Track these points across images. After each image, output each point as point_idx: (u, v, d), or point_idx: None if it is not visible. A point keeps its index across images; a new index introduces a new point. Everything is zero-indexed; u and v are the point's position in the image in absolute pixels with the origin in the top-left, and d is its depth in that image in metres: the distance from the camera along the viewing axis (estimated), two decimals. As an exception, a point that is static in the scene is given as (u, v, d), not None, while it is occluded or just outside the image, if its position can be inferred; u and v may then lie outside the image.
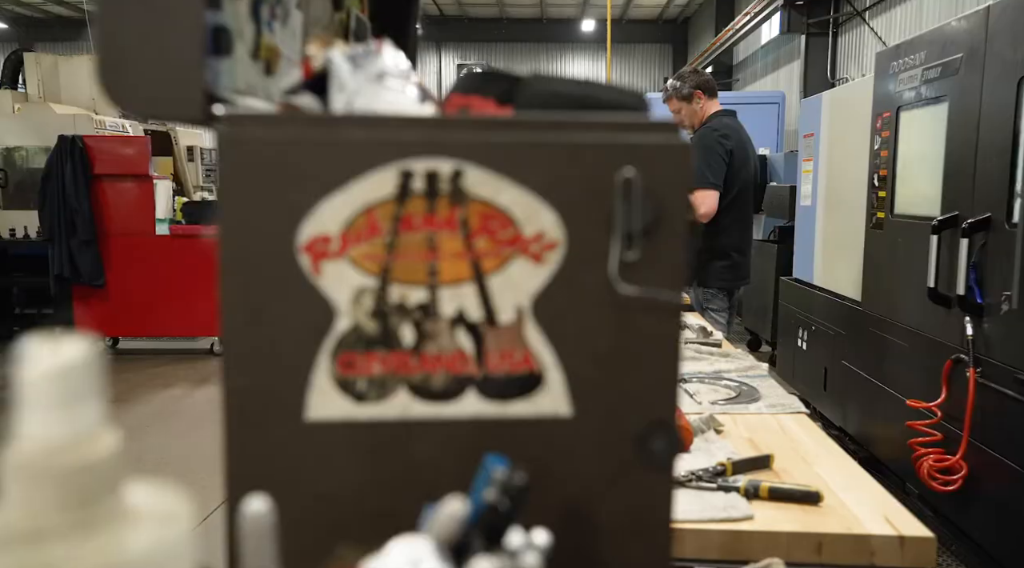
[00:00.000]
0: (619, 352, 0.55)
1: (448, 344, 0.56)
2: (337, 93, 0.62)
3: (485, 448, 0.55)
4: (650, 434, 0.55)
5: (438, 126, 0.55)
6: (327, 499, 0.53)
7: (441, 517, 0.45)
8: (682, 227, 0.53)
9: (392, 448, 0.56)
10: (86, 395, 0.35)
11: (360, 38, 1.07)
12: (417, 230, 0.54)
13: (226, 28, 0.66)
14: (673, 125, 0.53)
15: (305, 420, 0.55)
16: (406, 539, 0.45)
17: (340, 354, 0.55)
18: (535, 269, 0.55)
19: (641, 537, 0.56)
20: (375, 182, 0.54)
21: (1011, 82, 3.03)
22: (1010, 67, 3.04)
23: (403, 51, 1.18)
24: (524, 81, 0.62)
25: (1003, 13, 3.11)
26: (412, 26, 1.16)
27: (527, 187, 0.54)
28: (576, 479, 0.56)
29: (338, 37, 0.98)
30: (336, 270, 0.54)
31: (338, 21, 0.98)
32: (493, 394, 0.56)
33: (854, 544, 1.40)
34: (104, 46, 0.54)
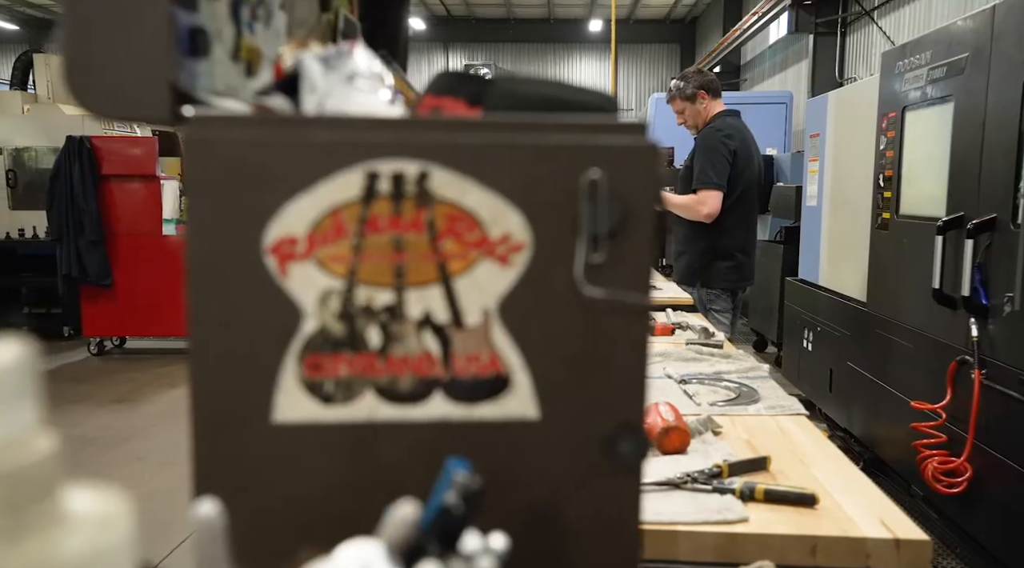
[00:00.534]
0: (586, 354, 0.55)
1: (415, 346, 0.56)
2: (308, 94, 0.62)
3: (452, 451, 0.55)
4: (618, 437, 0.54)
5: (404, 127, 0.55)
6: (295, 501, 0.53)
7: (393, 521, 0.45)
8: (649, 229, 0.52)
9: (359, 450, 0.56)
10: (19, 397, 0.35)
11: (349, 39, 1.07)
12: (383, 232, 0.54)
13: (203, 29, 0.66)
14: (641, 126, 0.53)
15: (273, 422, 0.55)
16: (357, 543, 0.45)
17: (307, 356, 0.55)
18: (502, 271, 0.55)
19: (609, 540, 0.55)
20: (341, 184, 0.54)
21: (1017, 82, 3.01)
22: (1016, 67, 3.02)
23: (394, 51, 1.18)
24: (493, 82, 0.62)
25: (1009, 13, 3.09)
26: (403, 26, 1.16)
27: (493, 189, 0.54)
28: (544, 482, 0.56)
29: (325, 38, 0.98)
30: (303, 272, 0.54)
31: (326, 22, 0.98)
32: (460, 397, 0.56)
33: (849, 547, 1.39)
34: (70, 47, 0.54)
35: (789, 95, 10.81)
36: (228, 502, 0.56)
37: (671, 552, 1.43)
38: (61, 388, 6.38)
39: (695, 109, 4.05)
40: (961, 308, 3.28)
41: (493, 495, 0.56)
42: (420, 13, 18.13)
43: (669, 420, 1.80)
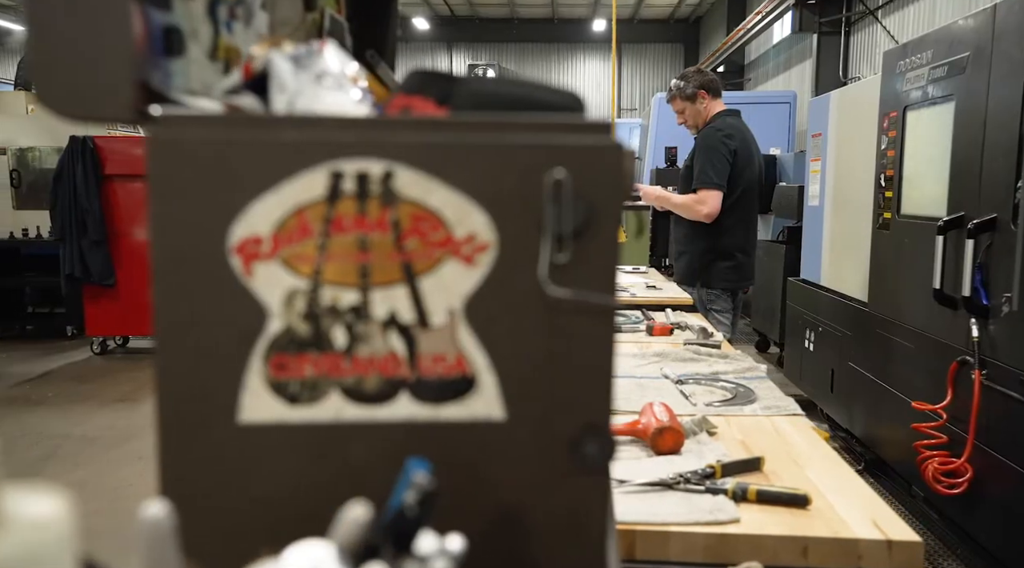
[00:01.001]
0: (552, 355, 0.54)
1: (380, 346, 0.55)
2: (278, 94, 0.61)
3: (418, 451, 0.55)
4: (583, 437, 0.54)
5: (369, 127, 0.55)
6: (261, 501, 0.53)
7: (344, 522, 0.44)
8: (614, 229, 0.52)
9: (326, 451, 0.56)
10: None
11: (336, 39, 1.07)
12: (348, 231, 0.54)
13: (177, 28, 0.66)
14: (605, 126, 0.53)
15: (239, 422, 0.55)
16: (307, 544, 0.45)
17: (272, 356, 0.55)
18: (467, 271, 0.54)
19: (575, 541, 0.55)
20: (305, 183, 0.53)
21: (1017, 81, 3.00)
22: (1017, 66, 3.01)
23: (382, 51, 1.18)
24: (461, 82, 0.62)
25: (1010, 12, 3.08)
26: (392, 26, 1.16)
27: (458, 188, 0.54)
28: (510, 482, 0.55)
29: (311, 38, 0.98)
30: (268, 271, 0.54)
31: (311, 21, 0.98)
32: (426, 397, 0.56)
33: (840, 548, 1.39)
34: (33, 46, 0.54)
35: (793, 95, 10.79)
36: (194, 502, 0.56)
37: (662, 552, 1.43)
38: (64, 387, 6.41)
39: (695, 109, 4.04)
40: (962, 308, 3.27)
41: (459, 496, 0.56)
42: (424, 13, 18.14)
43: (663, 420, 1.80)
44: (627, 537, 1.43)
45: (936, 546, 3.60)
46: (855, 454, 4.65)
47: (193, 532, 0.55)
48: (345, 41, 1.12)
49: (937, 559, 3.49)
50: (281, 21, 0.87)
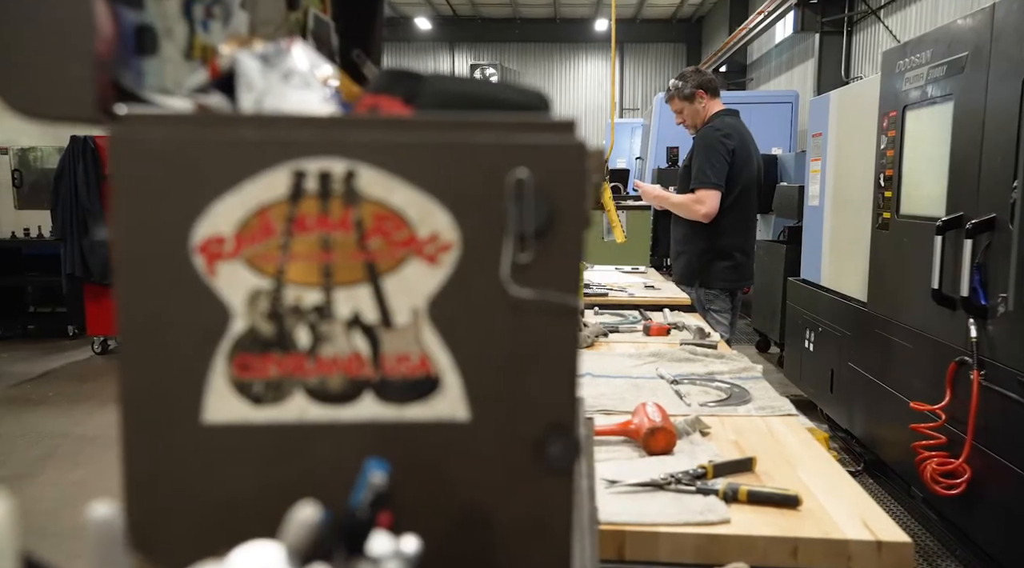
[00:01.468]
0: (515, 355, 0.54)
1: (344, 346, 0.55)
2: (245, 92, 0.61)
3: (382, 452, 0.55)
4: (547, 438, 0.54)
5: (331, 126, 0.54)
6: (227, 502, 0.53)
7: (293, 523, 0.44)
8: (579, 229, 0.52)
9: (290, 451, 0.55)
10: None
11: (320, 38, 1.06)
12: (311, 231, 0.54)
13: (150, 27, 0.66)
14: (569, 125, 0.52)
15: (203, 423, 0.55)
16: (255, 545, 0.45)
17: (236, 356, 0.55)
18: (430, 271, 0.54)
19: (539, 542, 0.55)
20: (267, 182, 0.53)
21: (1016, 81, 2.99)
22: (1015, 66, 3.00)
23: (368, 50, 1.18)
24: (426, 80, 0.62)
25: (1008, 12, 3.08)
26: (378, 25, 1.16)
27: (421, 188, 0.53)
28: (474, 483, 0.55)
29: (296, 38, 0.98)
30: (231, 271, 0.54)
31: (294, 21, 0.98)
32: (390, 397, 0.55)
33: (830, 548, 1.39)
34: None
35: (795, 94, 10.77)
36: (159, 503, 0.56)
37: (652, 553, 1.42)
38: (64, 387, 6.42)
39: (694, 109, 4.04)
40: (960, 309, 3.26)
41: (423, 496, 0.56)
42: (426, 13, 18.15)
43: (656, 421, 1.79)
44: (617, 537, 1.42)
45: (935, 547, 3.59)
46: (855, 455, 4.64)
47: (158, 532, 0.55)
48: (331, 40, 1.12)
49: (936, 560, 3.48)
50: (262, 20, 0.87)
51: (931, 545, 3.60)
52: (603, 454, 1.77)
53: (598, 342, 2.97)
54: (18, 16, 0.54)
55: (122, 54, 0.62)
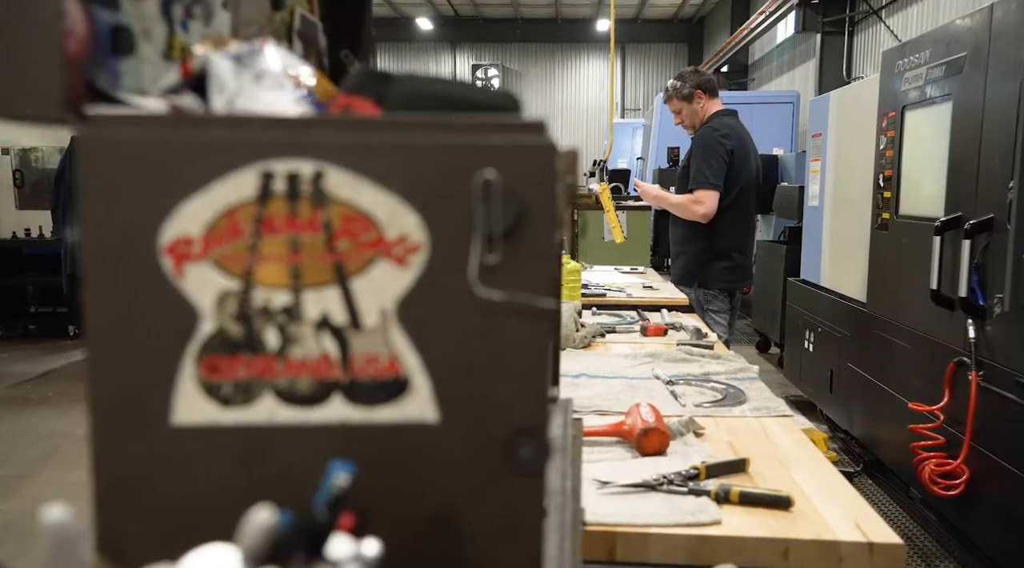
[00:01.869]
0: (485, 357, 0.54)
1: (313, 348, 0.55)
2: (217, 93, 0.61)
3: (352, 454, 0.55)
4: (517, 441, 0.54)
5: (299, 127, 0.54)
6: (196, 504, 0.53)
7: (248, 527, 0.44)
8: (548, 230, 0.52)
9: (259, 454, 0.55)
10: None
11: (307, 39, 1.06)
12: (279, 232, 0.54)
13: (126, 28, 0.66)
14: (539, 125, 0.52)
15: (172, 424, 0.55)
16: (210, 548, 0.44)
17: (205, 358, 0.54)
18: (399, 272, 0.54)
19: (510, 545, 0.54)
20: (235, 183, 0.53)
21: (1014, 81, 2.98)
22: (1014, 66, 3.00)
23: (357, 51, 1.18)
24: (395, 81, 0.61)
25: (1006, 12, 3.07)
26: (366, 25, 1.15)
27: (389, 189, 0.53)
28: (444, 485, 0.55)
29: (279, 38, 0.98)
30: (199, 272, 0.54)
31: (279, 21, 0.97)
32: (359, 399, 0.55)
33: (822, 550, 1.38)
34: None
35: (796, 95, 10.76)
36: (129, 505, 0.56)
37: (642, 554, 1.42)
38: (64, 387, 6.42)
39: (692, 109, 4.03)
40: (959, 309, 3.26)
41: (392, 498, 0.56)
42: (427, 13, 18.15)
43: (649, 421, 1.79)
44: (608, 538, 1.42)
45: (934, 548, 3.58)
46: (854, 455, 4.63)
47: (128, 534, 0.55)
48: (318, 41, 1.12)
49: (934, 561, 3.48)
50: (245, 21, 0.87)
51: (930, 546, 3.60)
52: (596, 455, 1.76)
53: (595, 342, 2.97)
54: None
55: (97, 54, 0.62)
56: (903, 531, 3.75)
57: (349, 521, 0.45)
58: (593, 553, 1.42)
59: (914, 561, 3.48)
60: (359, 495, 0.54)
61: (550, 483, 0.88)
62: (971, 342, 3.16)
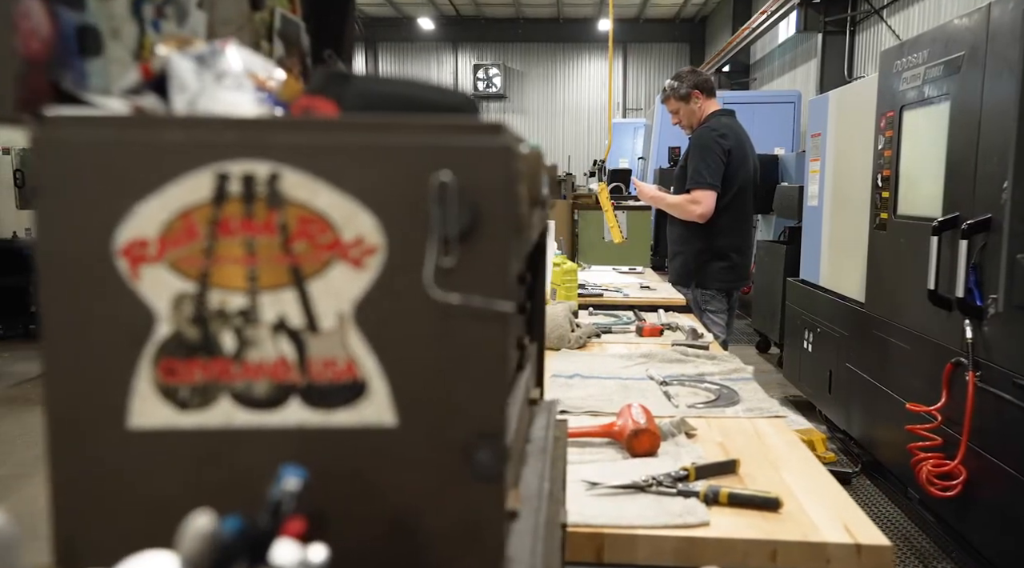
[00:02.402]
0: (442, 360, 0.53)
1: (270, 351, 0.54)
2: (178, 94, 0.61)
3: (310, 458, 0.54)
4: (475, 445, 0.53)
5: (254, 128, 0.54)
6: (153, 509, 0.52)
7: (187, 534, 0.44)
8: (505, 232, 0.51)
9: (217, 457, 0.55)
10: None
11: (288, 39, 1.06)
12: (235, 234, 0.53)
13: (93, 28, 0.65)
14: (497, 127, 0.52)
15: (129, 428, 0.54)
16: (147, 556, 0.44)
17: (161, 361, 0.54)
18: (356, 275, 0.53)
19: (470, 550, 0.54)
20: (190, 185, 0.53)
21: (1012, 81, 2.97)
22: (1011, 66, 2.98)
23: (339, 51, 1.17)
24: (352, 81, 0.61)
25: (1004, 12, 3.06)
26: (349, 25, 1.15)
27: (345, 190, 0.53)
28: (402, 490, 0.54)
29: (259, 38, 0.98)
30: (155, 275, 0.53)
31: (259, 21, 0.97)
32: (317, 403, 0.55)
33: (809, 551, 1.38)
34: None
35: (797, 94, 10.75)
36: (85, 509, 0.55)
37: (630, 556, 1.42)
38: (64, 387, 6.42)
39: (689, 109, 4.02)
40: (956, 310, 3.25)
41: (350, 503, 0.55)
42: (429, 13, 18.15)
43: (640, 422, 1.79)
44: (595, 540, 1.42)
45: (931, 548, 3.57)
46: (852, 456, 4.62)
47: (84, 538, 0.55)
48: (301, 41, 1.12)
49: (932, 562, 3.47)
50: (222, 20, 0.87)
51: (927, 547, 3.59)
52: (587, 456, 1.76)
53: (590, 343, 2.96)
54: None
55: (62, 55, 0.61)
56: (901, 532, 3.74)
57: (299, 526, 0.45)
58: (580, 555, 1.41)
59: (911, 562, 3.47)
60: (317, 499, 0.53)
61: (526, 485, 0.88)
62: (968, 343, 3.15)
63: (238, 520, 0.45)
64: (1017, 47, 2.94)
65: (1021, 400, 2.86)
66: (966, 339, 3.17)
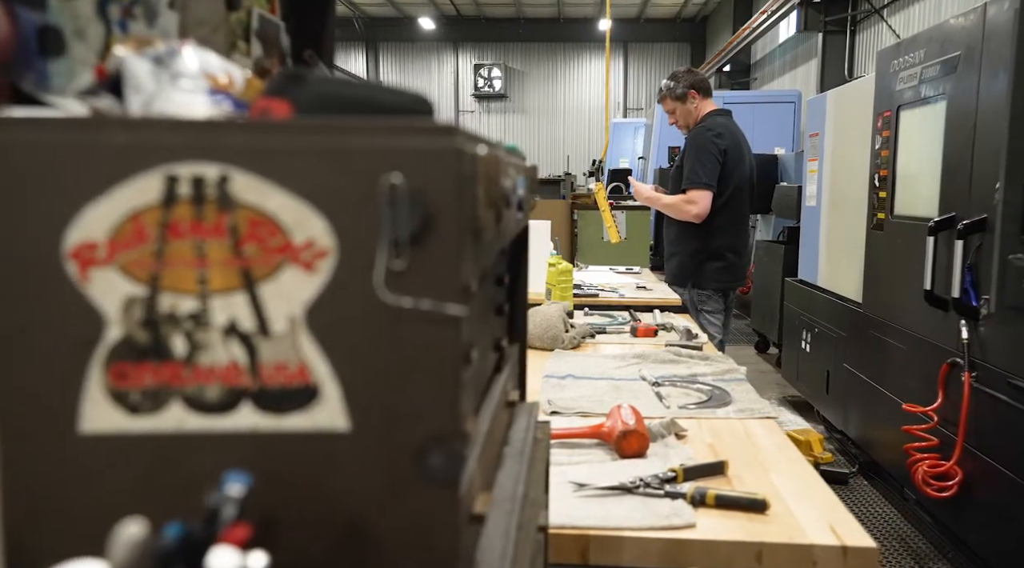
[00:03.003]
0: (394, 364, 0.53)
1: (221, 355, 0.54)
2: (133, 95, 0.60)
3: (262, 462, 0.54)
4: (427, 449, 0.53)
5: (204, 129, 0.53)
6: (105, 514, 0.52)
7: (118, 542, 0.43)
8: (455, 235, 0.51)
9: (169, 462, 0.54)
10: None
11: (267, 39, 1.06)
12: (185, 237, 0.53)
13: (55, 28, 0.65)
14: (448, 129, 0.51)
15: (80, 432, 0.54)
16: (76, 564, 0.43)
17: (112, 365, 0.54)
18: (307, 278, 0.53)
19: (422, 556, 0.54)
20: (139, 187, 0.52)
21: (1007, 81, 2.96)
22: (1006, 66, 2.97)
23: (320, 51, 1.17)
24: (306, 82, 0.61)
25: (999, 11, 3.05)
26: (329, 25, 1.14)
27: (295, 193, 0.52)
28: (355, 495, 0.54)
29: (235, 38, 0.97)
30: (104, 278, 0.53)
31: (235, 21, 0.97)
32: (269, 407, 0.54)
33: (795, 553, 1.37)
34: None
35: (798, 94, 10.74)
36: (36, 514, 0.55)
37: (616, 558, 1.41)
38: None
39: (686, 109, 4.02)
40: (952, 310, 3.24)
41: (303, 508, 0.55)
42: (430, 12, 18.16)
43: (629, 423, 1.78)
44: (581, 542, 1.41)
45: (927, 549, 3.57)
46: (850, 456, 4.62)
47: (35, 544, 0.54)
48: (280, 41, 1.11)
49: (928, 562, 3.46)
50: (196, 21, 0.86)
51: (923, 547, 3.58)
52: (576, 457, 1.75)
53: (584, 343, 2.96)
54: None
55: (22, 56, 0.61)
56: (897, 533, 3.73)
57: (242, 533, 0.45)
58: (565, 556, 1.41)
59: (907, 563, 3.46)
60: (269, 504, 0.53)
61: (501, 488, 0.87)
62: (964, 343, 3.14)
63: (179, 527, 0.44)
64: (1010, 47, 2.93)
65: (1016, 401, 2.85)
66: (962, 340, 3.16)
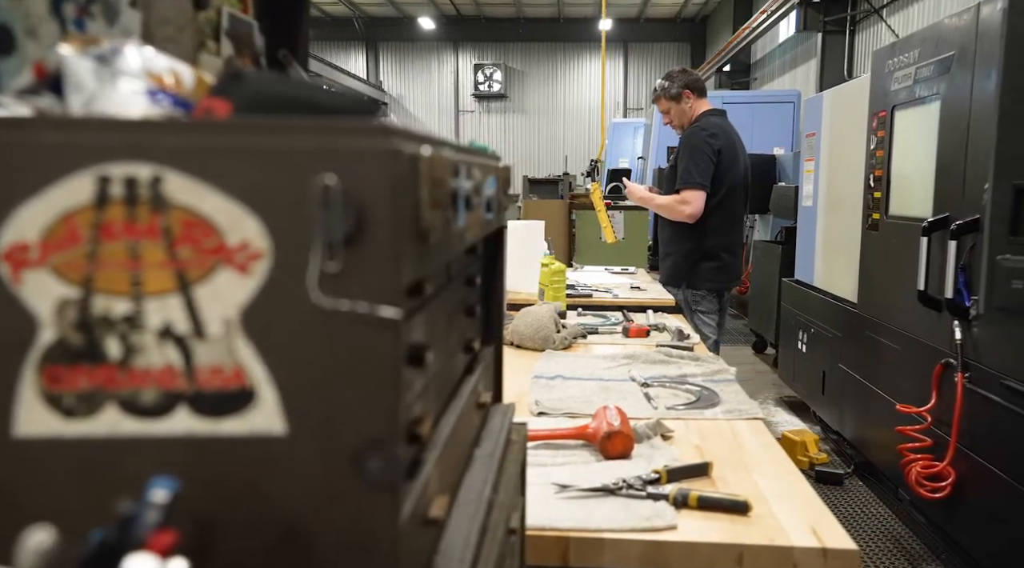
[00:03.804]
0: (330, 368, 0.52)
1: (156, 358, 0.53)
2: (73, 94, 0.60)
3: (198, 467, 0.53)
4: (365, 453, 0.52)
5: (137, 129, 0.53)
6: (41, 519, 0.51)
7: (25, 550, 0.42)
8: (390, 237, 0.50)
9: (105, 467, 0.54)
10: None
11: (239, 38, 1.05)
12: (118, 238, 0.52)
13: (4, 26, 0.64)
14: (384, 129, 0.50)
15: (14, 437, 0.53)
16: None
17: (46, 368, 0.53)
18: (242, 280, 0.52)
19: (361, 560, 0.53)
20: (71, 188, 0.51)
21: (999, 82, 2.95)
22: (998, 66, 2.96)
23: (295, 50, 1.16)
24: (244, 81, 0.60)
25: (992, 12, 3.04)
26: (303, 24, 1.14)
27: (230, 194, 0.52)
28: (293, 500, 0.53)
29: (204, 37, 0.97)
30: (37, 279, 0.52)
31: (203, 20, 0.96)
32: (205, 411, 0.54)
33: (776, 555, 1.36)
34: None
35: (797, 94, 10.72)
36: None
37: (596, 559, 1.40)
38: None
39: (680, 108, 4.01)
40: (945, 311, 3.23)
41: (239, 513, 0.54)
42: (430, 12, 18.15)
43: (614, 424, 1.77)
44: (561, 544, 1.41)
45: (921, 550, 3.56)
46: (845, 457, 4.61)
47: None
48: (253, 40, 1.11)
49: (921, 563, 3.45)
50: (160, 20, 0.86)
51: (917, 548, 3.57)
52: (560, 458, 1.75)
53: (576, 343, 2.95)
54: None
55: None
56: (891, 533, 3.72)
57: (165, 540, 0.44)
58: (545, 559, 1.40)
59: (901, 563, 3.45)
60: (205, 509, 0.52)
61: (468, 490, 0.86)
62: (957, 344, 3.14)
63: (99, 533, 0.43)
64: (999, 47, 2.92)
65: (1008, 401, 2.84)
66: (955, 340, 3.15)
